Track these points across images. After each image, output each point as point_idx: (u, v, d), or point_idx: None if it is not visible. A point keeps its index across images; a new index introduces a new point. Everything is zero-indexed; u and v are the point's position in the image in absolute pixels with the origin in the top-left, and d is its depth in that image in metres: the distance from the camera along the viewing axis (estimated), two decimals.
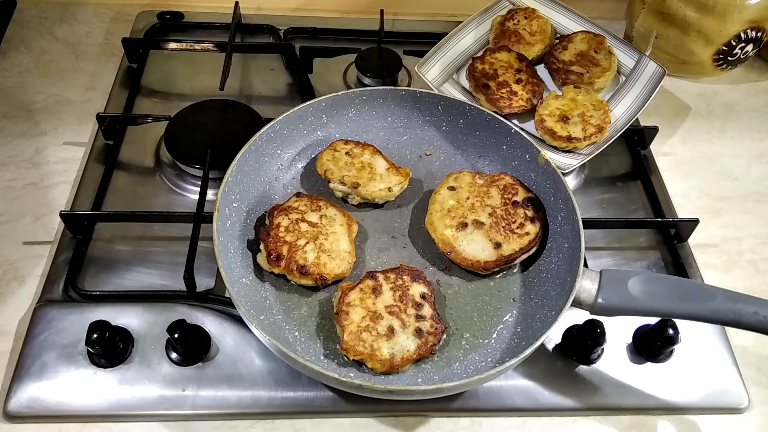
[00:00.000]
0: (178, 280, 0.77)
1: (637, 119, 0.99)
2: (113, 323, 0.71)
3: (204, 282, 0.79)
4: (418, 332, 0.70)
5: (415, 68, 0.98)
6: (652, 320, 0.77)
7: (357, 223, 0.80)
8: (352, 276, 0.77)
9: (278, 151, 0.86)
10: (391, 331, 0.70)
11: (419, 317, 0.71)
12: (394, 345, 0.69)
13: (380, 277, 0.74)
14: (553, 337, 0.77)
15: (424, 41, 1.09)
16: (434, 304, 0.73)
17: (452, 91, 1.00)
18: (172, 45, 1.06)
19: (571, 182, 0.95)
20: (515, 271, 0.80)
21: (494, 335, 0.74)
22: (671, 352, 0.77)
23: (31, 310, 0.76)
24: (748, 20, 1.02)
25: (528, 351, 0.65)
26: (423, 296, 0.73)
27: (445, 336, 0.73)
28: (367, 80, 1.06)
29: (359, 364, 0.70)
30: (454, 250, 0.78)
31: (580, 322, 0.75)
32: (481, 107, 0.88)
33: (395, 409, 0.72)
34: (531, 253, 0.78)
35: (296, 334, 0.73)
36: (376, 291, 0.72)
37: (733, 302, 0.65)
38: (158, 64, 1.07)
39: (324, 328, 0.73)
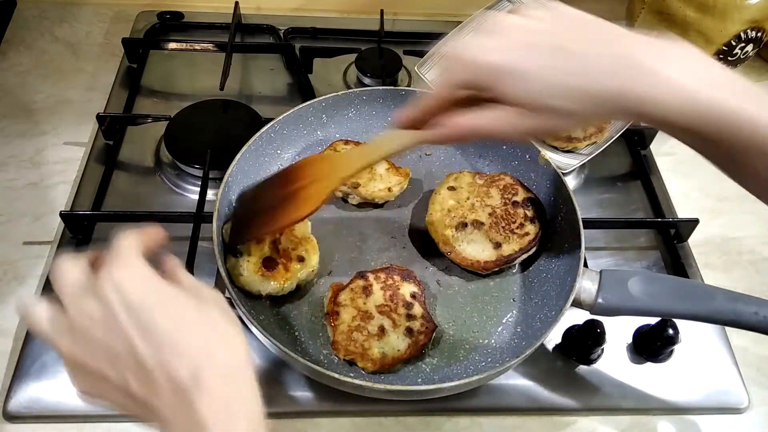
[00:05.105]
0: None
1: None
2: None
3: (204, 282, 0.79)
4: (409, 332, 0.70)
5: (415, 68, 0.98)
6: (652, 320, 0.76)
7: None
8: (347, 276, 0.77)
9: (278, 151, 0.86)
10: (381, 330, 0.70)
11: (410, 316, 0.71)
12: (384, 344, 0.69)
13: (370, 276, 0.74)
14: (553, 337, 0.77)
15: (424, 41, 1.08)
16: (424, 303, 0.73)
17: None
18: (172, 45, 1.06)
19: (571, 182, 0.95)
20: (515, 271, 0.80)
21: (494, 335, 0.74)
22: (671, 352, 0.77)
23: None
24: (748, 20, 1.02)
25: (528, 351, 0.65)
26: (413, 295, 0.73)
27: (445, 336, 0.73)
28: (367, 80, 1.06)
29: (350, 364, 0.70)
30: (454, 250, 0.78)
31: (580, 322, 0.75)
32: None
33: (395, 409, 0.72)
34: (531, 253, 0.78)
35: (296, 334, 0.73)
36: (367, 291, 0.72)
37: (733, 302, 0.64)
38: (158, 64, 1.07)
39: (324, 328, 0.73)
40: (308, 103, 0.86)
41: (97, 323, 0.43)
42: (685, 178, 1.00)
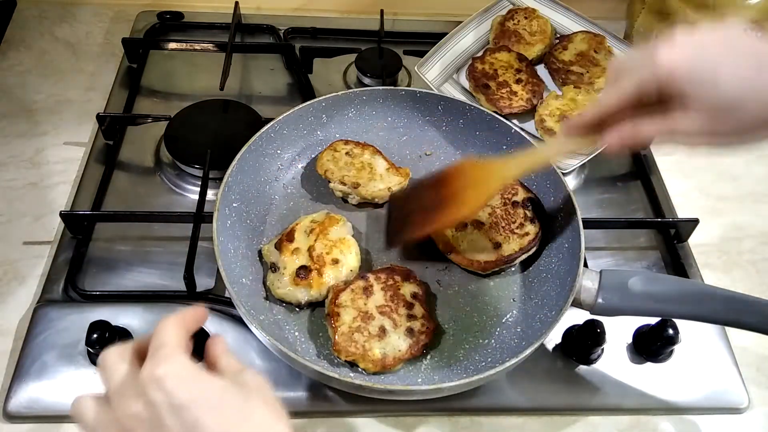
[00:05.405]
0: (178, 280, 0.77)
1: None
2: (113, 323, 0.71)
3: (204, 282, 0.79)
4: (410, 332, 0.70)
5: (415, 68, 0.98)
6: (652, 320, 0.76)
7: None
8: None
9: (278, 151, 0.86)
10: (382, 331, 0.70)
11: (410, 317, 0.71)
12: (385, 345, 0.69)
13: (371, 277, 0.74)
14: (553, 337, 0.76)
15: (424, 41, 1.09)
16: (425, 303, 0.73)
17: (452, 91, 1.00)
18: (172, 45, 1.06)
19: (571, 182, 0.95)
20: (515, 271, 0.80)
21: (494, 335, 0.74)
22: (671, 352, 0.77)
23: (31, 310, 0.76)
24: (748, 20, 1.02)
25: (528, 351, 0.65)
26: (414, 296, 0.73)
27: (445, 336, 0.73)
28: (367, 80, 1.06)
29: (351, 365, 0.70)
30: (454, 250, 0.78)
31: (580, 322, 0.75)
32: (481, 107, 0.88)
33: (395, 409, 0.72)
34: (531, 253, 0.78)
35: (296, 334, 0.73)
36: (368, 291, 0.72)
37: (733, 302, 0.65)
38: (158, 64, 1.07)
39: (324, 328, 0.73)
40: (308, 103, 0.86)
41: (142, 423, 0.43)
42: (685, 178, 1.00)
